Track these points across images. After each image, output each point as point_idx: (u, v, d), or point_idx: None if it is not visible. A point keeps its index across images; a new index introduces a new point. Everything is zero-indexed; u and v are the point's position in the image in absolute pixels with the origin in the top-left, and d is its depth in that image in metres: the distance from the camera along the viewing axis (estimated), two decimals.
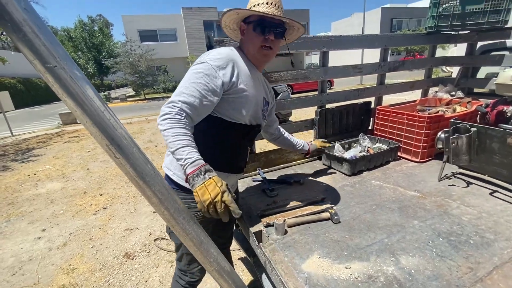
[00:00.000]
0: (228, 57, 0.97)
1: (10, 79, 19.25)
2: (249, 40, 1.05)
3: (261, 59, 1.10)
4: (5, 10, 0.46)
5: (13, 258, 2.39)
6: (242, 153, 1.19)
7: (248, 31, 1.05)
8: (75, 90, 0.52)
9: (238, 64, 1.00)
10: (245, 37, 1.07)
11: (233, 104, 1.01)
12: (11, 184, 4.22)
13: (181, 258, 1.21)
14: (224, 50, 1.00)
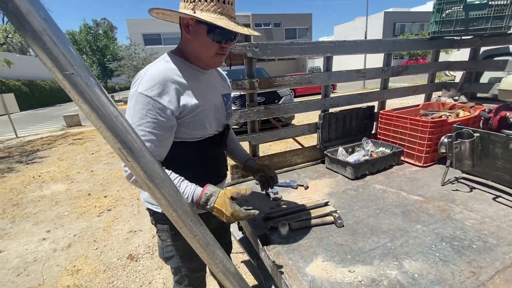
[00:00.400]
0: (164, 79, 0.83)
1: (15, 81, 19.52)
2: (200, 45, 0.89)
3: (213, 65, 0.97)
4: (26, 20, 0.48)
5: (18, 259, 2.42)
6: (220, 161, 1.12)
7: (199, 33, 0.87)
8: (90, 96, 0.54)
9: (179, 81, 0.86)
10: (192, 38, 0.88)
11: (192, 125, 0.91)
12: (16, 185, 4.26)
13: (182, 280, 1.16)
14: (157, 69, 0.85)
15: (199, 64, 0.95)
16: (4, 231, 2.91)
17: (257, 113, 1.73)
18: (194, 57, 0.93)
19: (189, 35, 0.88)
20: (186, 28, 0.88)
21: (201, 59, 0.93)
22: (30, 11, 0.48)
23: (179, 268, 1.12)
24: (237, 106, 5.82)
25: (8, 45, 20.06)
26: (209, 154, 1.02)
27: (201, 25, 0.85)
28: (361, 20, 28.60)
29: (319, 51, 1.78)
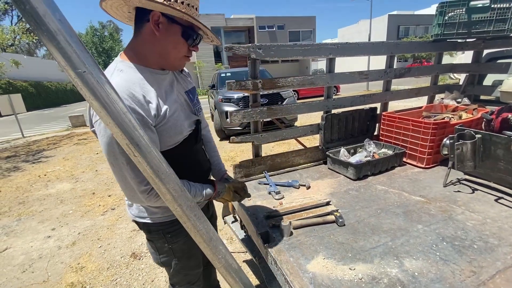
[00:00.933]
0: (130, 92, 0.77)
1: (22, 82, 19.82)
2: (170, 45, 0.84)
3: (177, 67, 0.93)
4: (43, 21, 0.51)
5: (24, 256, 2.46)
6: (200, 156, 1.10)
7: (170, 32, 0.82)
8: (101, 93, 0.57)
9: (143, 89, 0.81)
10: (160, 37, 0.82)
11: (166, 132, 0.86)
12: (22, 184, 4.33)
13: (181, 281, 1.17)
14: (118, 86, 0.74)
15: (161, 64, 0.88)
16: (10, 228, 2.96)
17: (260, 113, 1.75)
18: (158, 56, 0.86)
19: (157, 33, 0.81)
20: (155, 25, 0.80)
21: (167, 59, 0.87)
22: (47, 13, 0.51)
23: (178, 270, 1.13)
24: (240, 107, 5.85)
25: (16, 46, 20.37)
26: (189, 154, 1.00)
27: (174, 24, 0.81)
28: (365, 23, 28.61)
29: (322, 52, 1.80)
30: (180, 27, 0.82)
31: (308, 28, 28.56)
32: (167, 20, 0.80)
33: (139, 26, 0.83)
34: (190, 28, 0.84)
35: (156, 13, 0.79)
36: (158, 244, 1.08)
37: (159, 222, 1.03)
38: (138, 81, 0.81)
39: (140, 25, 0.83)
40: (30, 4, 0.49)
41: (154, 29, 0.80)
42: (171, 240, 1.06)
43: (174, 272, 1.14)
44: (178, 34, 0.83)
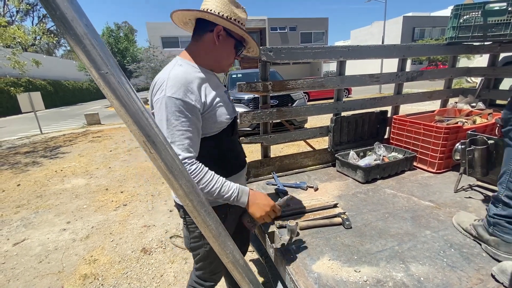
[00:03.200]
0: (187, 80, 0.92)
1: (41, 81, 20.59)
2: (224, 53, 1.04)
3: (224, 71, 1.12)
4: (71, 25, 0.55)
5: (40, 247, 2.57)
6: (238, 147, 1.20)
7: (227, 43, 1.02)
8: (121, 93, 0.61)
9: (198, 80, 0.96)
10: (219, 46, 1.01)
11: (213, 118, 1.00)
12: (40, 178, 4.51)
13: (203, 268, 1.22)
14: (178, 73, 0.92)
15: (213, 66, 1.06)
16: (28, 220, 3.09)
17: (270, 115, 1.78)
18: (213, 60, 1.04)
19: (217, 42, 1.00)
20: (217, 36, 0.99)
21: (220, 64, 1.07)
22: (75, 18, 0.55)
23: (205, 256, 1.17)
24: (250, 108, 5.90)
25: (37, 46, 21.13)
26: (226, 143, 1.11)
27: (230, 38, 1.02)
28: (378, 24, 28.17)
29: (332, 55, 1.81)
30: (234, 40, 1.03)
31: (320, 30, 28.38)
32: (226, 34, 1.00)
33: (201, 34, 1.01)
34: (240, 42, 1.05)
35: (219, 27, 0.98)
36: (191, 228, 1.14)
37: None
38: (194, 74, 0.97)
39: (201, 33, 1.01)
40: (60, 10, 0.54)
41: (215, 39, 0.99)
42: None
43: (200, 257, 1.19)
44: (232, 45, 1.04)
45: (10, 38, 7.09)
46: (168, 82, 0.89)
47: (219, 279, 1.30)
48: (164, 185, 3.80)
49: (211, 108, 0.98)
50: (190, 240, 1.17)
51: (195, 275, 1.28)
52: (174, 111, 0.88)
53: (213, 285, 1.29)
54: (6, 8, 20.36)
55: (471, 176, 1.47)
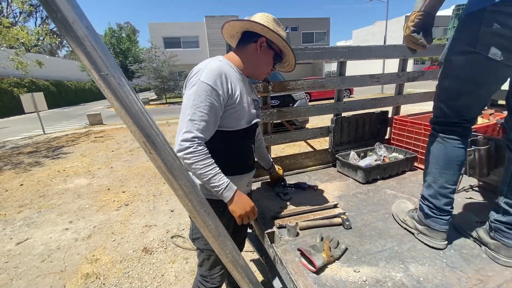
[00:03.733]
0: (220, 72, 0.98)
1: (44, 81, 20.71)
2: (263, 61, 1.13)
3: (258, 78, 1.19)
4: (72, 28, 0.56)
5: (43, 246, 2.59)
6: (248, 152, 1.24)
7: (267, 53, 1.12)
8: (121, 95, 0.62)
9: (230, 76, 1.02)
10: (260, 55, 1.11)
11: (233, 115, 1.05)
12: (42, 178, 4.54)
13: (203, 263, 1.25)
14: (214, 64, 1.00)
15: (250, 72, 1.15)
16: (31, 220, 3.12)
17: (270, 115, 1.78)
18: (252, 67, 1.13)
19: (258, 52, 1.10)
20: (259, 46, 1.09)
21: (258, 70, 1.15)
22: (76, 20, 0.56)
23: (204, 250, 1.21)
24: None
25: (40, 47, 21.23)
26: (238, 143, 1.16)
27: (271, 49, 1.11)
28: (380, 24, 28.09)
29: (333, 56, 1.81)
30: (273, 52, 1.13)
31: (322, 30, 28.35)
32: (267, 45, 1.10)
33: (244, 44, 1.12)
34: (278, 54, 1.14)
35: (263, 38, 1.08)
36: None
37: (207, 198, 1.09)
38: (229, 70, 1.04)
39: (245, 43, 1.11)
40: (61, 13, 0.55)
41: (258, 48, 1.09)
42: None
43: (199, 251, 1.24)
44: (271, 56, 1.13)
45: (14, 39, 7.14)
46: (205, 69, 0.97)
47: (221, 280, 1.30)
48: (165, 185, 3.81)
49: (235, 105, 1.04)
50: (193, 231, 1.22)
51: (199, 274, 1.30)
52: (201, 94, 0.95)
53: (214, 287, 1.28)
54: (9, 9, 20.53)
55: (472, 176, 1.46)
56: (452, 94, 1.06)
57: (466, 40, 0.95)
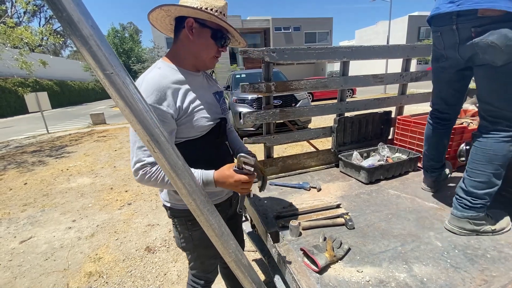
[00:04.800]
0: (160, 87, 0.89)
1: (48, 81, 20.87)
2: (202, 46, 0.97)
3: (209, 66, 1.05)
4: (77, 27, 0.56)
5: (46, 245, 2.61)
6: (223, 150, 1.16)
7: (202, 35, 0.95)
8: (126, 93, 0.62)
9: (173, 86, 0.92)
10: (194, 39, 0.95)
11: (191, 123, 0.96)
12: (46, 177, 4.57)
13: (195, 266, 1.25)
14: (152, 78, 0.90)
15: (195, 64, 1.01)
16: (34, 218, 3.14)
17: (273, 115, 1.78)
18: (192, 57, 0.99)
19: (191, 36, 0.95)
20: (189, 29, 0.94)
21: (200, 58, 1.00)
22: (81, 20, 0.56)
23: (195, 257, 1.21)
24: (254, 108, 5.91)
25: (44, 47, 21.34)
26: (212, 145, 1.07)
27: (205, 28, 0.95)
28: (384, 24, 27.98)
29: (336, 56, 1.81)
30: (210, 30, 0.95)
31: (324, 30, 28.28)
32: (199, 25, 0.94)
33: (177, 34, 0.98)
34: (219, 31, 0.97)
35: (190, 19, 0.92)
36: (180, 229, 1.15)
37: (182, 209, 1.07)
38: (170, 77, 0.93)
39: (178, 33, 0.97)
40: (67, 12, 0.55)
41: (188, 33, 0.94)
42: (191, 227, 1.11)
43: (192, 258, 1.22)
44: (208, 36, 0.96)
45: (18, 39, 7.20)
46: (141, 87, 0.88)
47: (214, 276, 1.31)
48: None
49: (188, 113, 0.95)
50: (180, 240, 1.18)
51: (190, 273, 1.30)
52: None
53: (209, 283, 1.30)
54: (13, 9, 20.70)
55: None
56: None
57: None
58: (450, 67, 1.34)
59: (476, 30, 1.10)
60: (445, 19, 1.20)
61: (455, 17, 1.15)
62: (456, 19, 1.15)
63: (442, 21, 1.23)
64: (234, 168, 0.92)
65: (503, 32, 1.02)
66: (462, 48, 1.19)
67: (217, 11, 0.93)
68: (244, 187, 0.93)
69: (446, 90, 1.46)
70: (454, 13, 1.15)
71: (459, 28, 1.16)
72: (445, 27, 1.22)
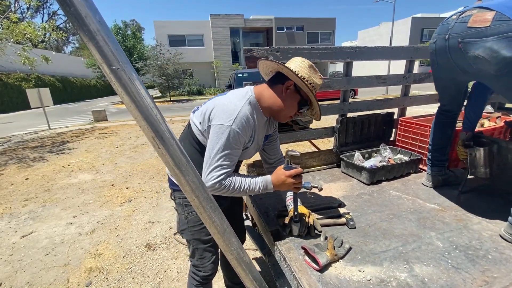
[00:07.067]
0: (249, 124, 1.04)
1: (50, 77, 20.89)
2: (288, 104, 1.12)
3: (280, 120, 1.20)
4: (84, 22, 0.57)
5: (47, 240, 2.62)
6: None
7: (293, 97, 1.11)
8: (131, 89, 0.62)
9: (253, 126, 1.08)
10: (284, 97, 1.11)
11: (242, 153, 1.12)
12: (47, 173, 4.59)
13: (193, 254, 1.29)
14: (246, 111, 1.04)
15: (272, 113, 1.16)
16: (36, 214, 3.15)
17: None
18: (273, 107, 1.13)
19: (284, 94, 1.10)
20: (286, 88, 1.10)
21: (279, 112, 1.14)
22: (88, 15, 0.56)
23: (191, 241, 1.26)
24: None
25: (46, 43, 21.34)
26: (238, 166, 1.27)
27: (297, 94, 1.11)
28: (386, 25, 27.90)
29: (339, 56, 1.80)
30: (300, 97, 1.12)
31: (327, 30, 28.20)
32: (294, 89, 1.10)
33: (274, 83, 1.13)
34: (305, 100, 1.13)
35: (291, 82, 1.09)
36: (179, 211, 1.26)
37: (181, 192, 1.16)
38: (254, 117, 1.09)
39: (275, 82, 1.12)
40: (74, 6, 0.55)
41: (284, 90, 1.10)
42: (188, 210, 1.22)
43: (188, 243, 1.29)
44: (296, 101, 1.12)
45: (21, 34, 7.20)
46: (238, 117, 1.01)
47: (213, 268, 1.32)
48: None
49: (247, 147, 1.13)
50: (179, 223, 1.27)
51: (191, 264, 1.34)
52: (234, 142, 1.01)
53: (207, 275, 1.30)
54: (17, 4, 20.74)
55: (473, 175, 1.47)
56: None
57: None
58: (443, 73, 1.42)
59: (463, 40, 1.13)
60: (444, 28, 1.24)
61: (450, 28, 1.20)
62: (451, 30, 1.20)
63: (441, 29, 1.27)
64: (284, 166, 1.10)
65: (487, 45, 1.04)
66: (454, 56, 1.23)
67: (314, 87, 1.09)
68: (296, 181, 1.09)
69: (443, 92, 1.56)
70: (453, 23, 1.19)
71: (449, 39, 1.20)
72: (440, 35, 1.27)
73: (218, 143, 1.00)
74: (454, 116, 1.58)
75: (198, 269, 1.30)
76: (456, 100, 1.54)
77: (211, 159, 1.01)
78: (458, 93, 1.50)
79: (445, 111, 1.59)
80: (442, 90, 1.55)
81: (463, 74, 1.29)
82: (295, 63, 1.10)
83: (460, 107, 1.58)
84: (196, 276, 1.31)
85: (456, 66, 1.25)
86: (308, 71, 1.08)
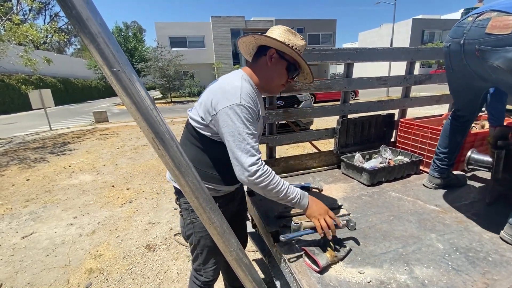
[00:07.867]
0: (254, 95, 1.03)
1: (52, 78, 20.97)
2: (275, 74, 1.10)
3: (274, 92, 1.19)
4: (86, 24, 0.57)
5: (48, 241, 2.62)
6: None
7: (279, 65, 1.09)
8: (132, 91, 0.63)
9: (256, 96, 1.07)
10: (271, 66, 1.09)
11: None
12: (48, 174, 4.60)
13: (196, 258, 1.27)
14: (249, 88, 1.02)
15: (264, 87, 1.14)
16: (36, 214, 3.16)
17: (276, 116, 1.78)
18: (264, 81, 1.12)
19: (269, 63, 1.08)
20: (269, 58, 1.07)
21: (271, 84, 1.13)
22: (89, 17, 0.57)
23: (195, 246, 1.23)
24: None
25: (48, 44, 21.49)
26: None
27: (282, 60, 1.08)
28: (387, 27, 27.94)
29: (340, 57, 1.81)
30: (286, 62, 1.09)
31: (328, 32, 28.25)
32: (278, 56, 1.08)
33: (257, 58, 1.12)
34: (293, 64, 1.11)
35: (272, 50, 1.07)
36: (185, 216, 1.22)
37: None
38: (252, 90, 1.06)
39: (258, 57, 1.11)
40: (76, 9, 0.56)
41: (268, 61, 1.08)
42: (193, 216, 1.18)
43: (192, 248, 1.26)
44: (283, 67, 1.10)
45: (23, 36, 7.25)
46: (242, 93, 0.98)
47: (215, 274, 1.31)
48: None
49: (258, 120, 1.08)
50: (185, 228, 1.24)
51: (193, 268, 1.33)
52: (250, 117, 0.98)
53: (208, 281, 1.30)
54: (19, 6, 20.86)
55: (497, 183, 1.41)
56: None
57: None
58: (458, 78, 1.34)
59: (481, 48, 1.03)
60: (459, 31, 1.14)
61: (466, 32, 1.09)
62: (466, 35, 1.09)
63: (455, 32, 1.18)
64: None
65: (508, 56, 0.95)
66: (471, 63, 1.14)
67: (297, 49, 1.07)
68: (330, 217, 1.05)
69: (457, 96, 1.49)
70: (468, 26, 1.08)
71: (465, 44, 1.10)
72: (454, 39, 1.17)
73: (236, 125, 0.94)
74: (467, 123, 1.51)
75: (200, 273, 1.29)
76: (473, 105, 1.44)
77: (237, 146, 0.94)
78: (475, 97, 1.41)
79: (459, 116, 1.50)
80: (457, 94, 1.47)
81: (481, 81, 1.20)
82: (272, 31, 1.08)
83: (476, 113, 1.50)
84: (198, 281, 1.30)
85: (473, 73, 1.17)
86: (287, 35, 1.06)
